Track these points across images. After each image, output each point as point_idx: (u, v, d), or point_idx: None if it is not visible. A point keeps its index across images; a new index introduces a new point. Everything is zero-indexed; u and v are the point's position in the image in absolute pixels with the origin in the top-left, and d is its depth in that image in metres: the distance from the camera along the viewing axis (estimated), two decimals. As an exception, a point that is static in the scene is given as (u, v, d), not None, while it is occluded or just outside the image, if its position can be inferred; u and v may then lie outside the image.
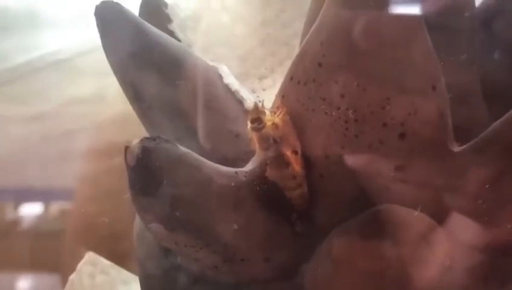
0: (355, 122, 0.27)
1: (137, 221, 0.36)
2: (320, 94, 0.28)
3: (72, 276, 0.46)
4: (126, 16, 0.34)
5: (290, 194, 0.29)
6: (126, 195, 0.29)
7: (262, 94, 0.31)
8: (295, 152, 0.29)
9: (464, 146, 0.27)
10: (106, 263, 0.46)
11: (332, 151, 0.28)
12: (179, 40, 0.38)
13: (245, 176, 0.29)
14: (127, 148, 0.28)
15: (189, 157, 0.29)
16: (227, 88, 0.34)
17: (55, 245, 0.49)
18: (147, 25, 0.34)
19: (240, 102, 0.34)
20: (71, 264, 0.47)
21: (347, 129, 0.28)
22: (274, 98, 0.30)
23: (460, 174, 0.27)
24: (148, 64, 0.34)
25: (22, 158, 0.51)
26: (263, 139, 0.28)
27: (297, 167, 0.29)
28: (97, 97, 0.52)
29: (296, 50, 0.30)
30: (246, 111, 0.30)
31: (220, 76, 0.34)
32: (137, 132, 0.36)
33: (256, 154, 0.30)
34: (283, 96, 0.30)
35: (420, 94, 0.27)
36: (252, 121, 0.28)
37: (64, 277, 0.46)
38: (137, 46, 0.34)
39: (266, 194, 0.29)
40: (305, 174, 0.29)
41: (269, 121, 0.28)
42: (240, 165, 0.30)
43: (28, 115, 0.52)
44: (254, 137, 0.29)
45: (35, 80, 0.54)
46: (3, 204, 0.51)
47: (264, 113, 0.28)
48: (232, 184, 0.29)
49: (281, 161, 0.29)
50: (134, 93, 0.34)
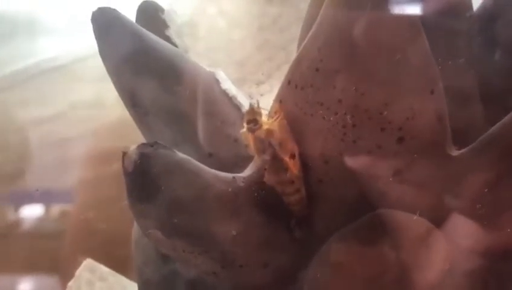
0: (353, 127, 0.27)
1: (135, 227, 0.36)
2: (317, 99, 0.28)
3: (71, 283, 0.46)
4: (123, 22, 0.34)
5: (288, 199, 0.29)
6: (124, 201, 0.29)
7: (259, 99, 0.31)
8: (293, 157, 0.29)
9: (462, 150, 0.27)
10: (105, 270, 0.46)
11: (330, 156, 0.28)
12: (176, 46, 0.38)
13: (243, 182, 0.29)
14: (125, 154, 0.28)
15: (186, 163, 0.29)
16: (224, 93, 0.34)
17: (55, 247, 0.49)
18: (144, 31, 0.34)
19: (238, 107, 0.34)
20: (70, 270, 0.46)
21: (345, 134, 0.27)
22: (271, 103, 0.30)
23: (459, 178, 0.27)
24: (145, 70, 0.34)
25: (20, 164, 0.51)
26: (259, 141, 0.28)
27: (295, 172, 0.29)
28: (95, 103, 0.52)
29: (294, 55, 0.30)
30: (244, 116, 0.30)
31: (217, 81, 0.34)
32: (135, 138, 0.36)
33: (254, 159, 0.30)
34: (281, 101, 0.30)
35: (418, 98, 0.27)
36: (248, 122, 0.28)
37: (63, 283, 0.46)
38: (134, 52, 0.33)
39: (264, 199, 0.29)
40: (303, 179, 0.29)
41: (266, 125, 0.28)
42: (238, 170, 0.30)
43: (26, 122, 0.52)
44: (250, 139, 0.29)
45: (32, 87, 0.54)
46: (3, 206, 0.50)
47: (260, 114, 0.28)
48: (230, 190, 0.29)
49: (279, 166, 0.28)
50: (131, 99, 0.34)
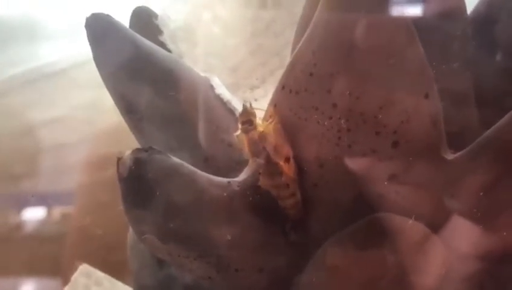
0: (348, 131, 0.27)
1: (130, 232, 0.36)
2: (312, 103, 0.28)
3: (67, 288, 0.46)
4: (117, 28, 0.33)
5: (284, 203, 0.29)
6: (119, 207, 0.29)
7: (254, 104, 0.31)
8: (287, 161, 0.29)
9: (458, 154, 0.27)
10: (100, 275, 0.46)
11: (325, 160, 0.28)
12: (170, 51, 0.38)
13: (238, 186, 0.29)
14: (119, 159, 0.28)
15: (181, 168, 0.29)
16: (219, 99, 0.34)
17: (54, 251, 0.49)
18: (138, 37, 0.34)
19: (232, 112, 0.34)
20: (66, 275, 0.46)
21: (340, 138, 0.27)
22: (266, 108, 0.30)
23: (454, 182, 0.27)
24: (139, 75, 0.34)
25: (16, 170, 0.51)
26: (253, 143, 0.28)
27: (290, 176, 0.29)
28: (92, 109, 0.52)
29: (288, 60, 0.30)
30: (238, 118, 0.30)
31: (212, 87, 0.35)
32: (131, 144, 0.36)
33: (249, 163, 0.30)
34: (275, 105, 0.30)
35: (413, 102, 0.27)
36: (243, 123, 0.28)
37: (58, 287, 0.46)
38: (128, 57, 0.33)
39: (259, 203, 0.29)
40: (298, 183, 0.29)
41: (260, 127, 0.28)
42: (233, 175, 0.30)
43: (23, 126, 0.52)
44: (244, 142, 0.29)
45: (29, 92, 0.54)
46: (4, 209, 0.50)
47: (254, 114, 0.28)
48: (225, 194, 0.29)
49: (274, 170, 0.28)
50: (125, 105, 0.34)
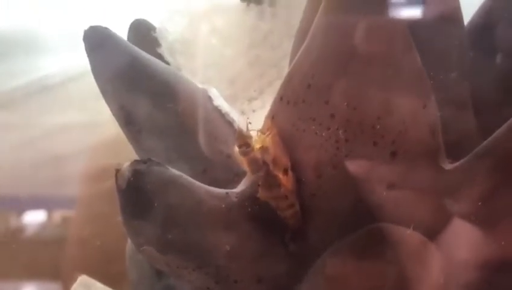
0: (345, 142, 0.27)
1: (129, 244, 0.36)
2: (310, 114, 0.28)
3: (66, 298, 0.45)
4: (115, 41, 0.34)
5: (282, 213, 0.29)
6: (118, 218, 0.29)
7: (251, 116, 0.31)
8: (286, 173, 0.29)
9: (456, 163, 0.27)
10: (99, 286, 0.46)
11: (323, 170, 0.28)
12: (168, 64, 0.38)
13: (236, 197, 0.29)
14: (118, 171, 0.28)
15: (180, 179, 0.29)
16: (217, 110, 0.34)
17: (54, 255, 0.49)
18: (136, 49, 0.34)
19: (230, 124, 0.34)
20: (65, 286, 0.46)
21: (338, 149, 0.28)
22: (264, 119, 0.30)
23: (452, 191, 0.27)
24: (137, 88, 0.34)
25: (15, 183, 0.51)
26: (252, 162, 0.28)
27: (288, 187, 0.29)
28: (90, 121, 0.52)
29: (285, 71, 0.30)
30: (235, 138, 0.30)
31: (210, 98, 0.35)
32: (129, 156, 0.36)
33: (247, 175, 0.30)
34: (273, 117, 0.30)
35: (411, 112, 0.27)
36: (240, 146, 0.28)
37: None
38: (126, 70, 0.34)
39: (258, 214, 0.29)
40: (296, 193, 0.29)
41: (258, 143, 0.28)
42: (231, 186, 0.30)
43: (21, 139, 0.52)
44: (243, 161, 0.29)
45: (28, 104, 0.54)
46: (6, 213, 0.50)
47: (251, 137, 0.28)
48: (223, 205, 0.29)
49: (272, 182, 0.28)
50: (124, 116, 0.35)
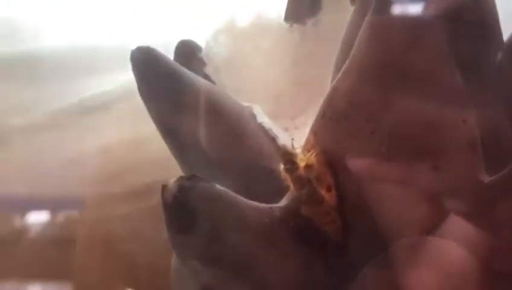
0: (387, 158, 0.28)
1: (174, 258, 0.36)
2: (351, 131, 0.28)
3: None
4: (161, 61, 0.35)
5: (324, 228, 0.30)
6: (164, 233, 0.29)
7: (294, 132, 0.32)
8: (329, 189, 0.29)
9: (494, 176, 0.27)
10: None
11: (364, 186, 0.29)
12: (214, 83, 0.39)
13: (279, 212, 0.30)
14: (164, 187, 0.28)
15: (224, 194, 0.29)
16: (260, 127, 0.35)
17: (61, 253, 0.49)
18: (182, 69, 0.35)
19: (273, 140, 0.34)
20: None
21: (379, 165, 0.28)
22: (306, 136, 0.31)
23: (490, 204, 0.27)
24: (183, 107, 0.35)
25: (61, 201, 0.52)
26: (297, 180, 0.29)
27: (331, 204, 0.29)
28: (136, 139, 0.53)
29: (327, 89, 0.30)
30: (279, 148, 0.30)
31: (254, 115, 0.35)
32: (175, 173, 0.37)
33: (290, 190, 0.30)
34: (315, 133, 0.30)
35: (451, 128, 0.27)
36: (285, 163, 0.29)
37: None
38: (172, 89, 0.35)
39: (300, 229, 0.30)
40: (338, 209, 0.29)
41: (302, 161, 0.29)
42: (274, 200, 0.31)
43: (68, 159, 0.53)
44: (288, 178, 0.29)
45: (72, 125, 0.55)
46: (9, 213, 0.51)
47: (296, 155, 0.29)
48: (267, 220, 0.29)
49: (316, 199, 0.29)
50: (170, 135, 0.36)
